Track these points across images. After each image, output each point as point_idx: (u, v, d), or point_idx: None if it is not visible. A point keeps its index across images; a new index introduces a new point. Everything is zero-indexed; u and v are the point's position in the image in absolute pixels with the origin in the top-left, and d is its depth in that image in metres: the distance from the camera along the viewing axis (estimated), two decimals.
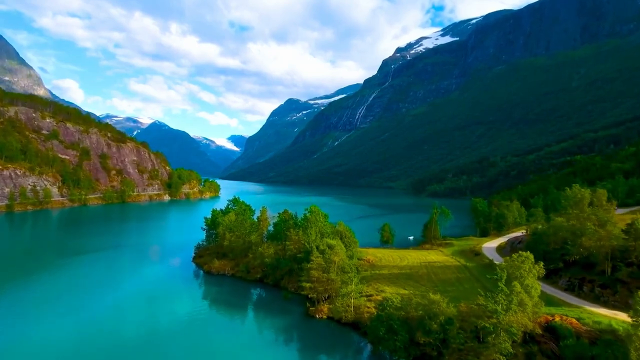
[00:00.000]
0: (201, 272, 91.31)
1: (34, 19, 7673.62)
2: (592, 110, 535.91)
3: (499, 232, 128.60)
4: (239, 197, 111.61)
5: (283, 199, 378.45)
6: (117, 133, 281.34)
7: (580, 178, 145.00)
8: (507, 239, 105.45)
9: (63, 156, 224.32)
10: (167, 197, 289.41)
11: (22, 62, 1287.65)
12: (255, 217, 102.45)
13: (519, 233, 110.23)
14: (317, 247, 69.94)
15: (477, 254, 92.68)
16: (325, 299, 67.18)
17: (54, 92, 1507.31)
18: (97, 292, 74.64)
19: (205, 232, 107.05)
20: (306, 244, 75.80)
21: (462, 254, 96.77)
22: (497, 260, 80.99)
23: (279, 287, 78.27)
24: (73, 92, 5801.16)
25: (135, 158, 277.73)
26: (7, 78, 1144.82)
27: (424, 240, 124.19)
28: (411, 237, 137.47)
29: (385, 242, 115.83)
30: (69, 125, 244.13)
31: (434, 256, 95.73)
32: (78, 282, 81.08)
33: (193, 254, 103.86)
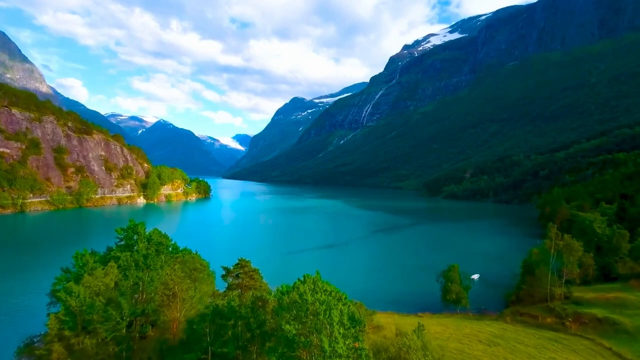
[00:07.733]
0: None
1: (35, 16, 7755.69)
2: (617, 105, 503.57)
3: None
4: (143, 222, 54.69)
5: (282, 202, 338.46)
6: (80, 123, 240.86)
7: None
8: None
9: (0, 149, 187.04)
10: (141, 200, 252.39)
11: (25, 59, 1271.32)
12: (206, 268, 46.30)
13: None
14: None
15: None
16: None
17: (58, 91, 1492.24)
18: None
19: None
20: None
21: None
22: None
23: None
24: (77, 91, 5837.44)
25: (102, 153, 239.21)
26: (8, 75, 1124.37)
27: (519, 296, 67.12)
28: (475, 277, 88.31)
29: (454, 303, 63.05)
30: (15, 111, 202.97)
31: None
32: None
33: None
